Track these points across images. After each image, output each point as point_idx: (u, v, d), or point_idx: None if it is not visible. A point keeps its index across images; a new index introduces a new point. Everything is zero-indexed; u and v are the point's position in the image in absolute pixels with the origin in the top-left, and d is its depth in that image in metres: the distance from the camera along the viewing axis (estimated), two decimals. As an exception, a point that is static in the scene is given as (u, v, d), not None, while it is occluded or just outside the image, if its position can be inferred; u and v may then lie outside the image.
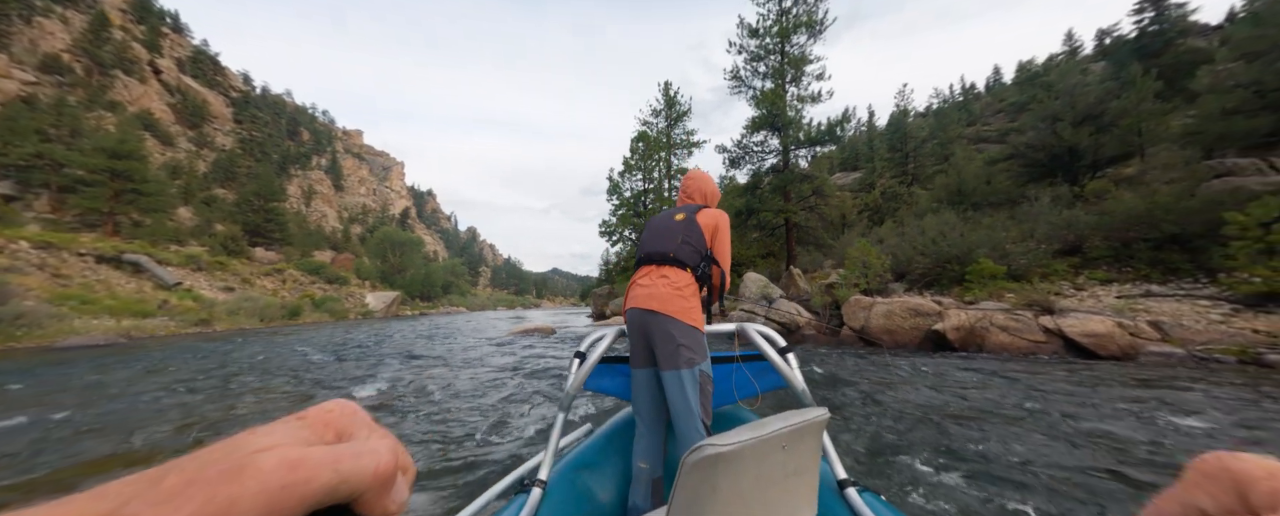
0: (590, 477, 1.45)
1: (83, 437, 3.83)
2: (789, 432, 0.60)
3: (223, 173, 54.56)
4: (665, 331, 1.48)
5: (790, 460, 0.60)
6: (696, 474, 0.54)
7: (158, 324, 18.43)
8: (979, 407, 3.87)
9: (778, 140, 18.32)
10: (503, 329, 18.07)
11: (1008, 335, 6.46)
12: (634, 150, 29.47)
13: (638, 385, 1.57)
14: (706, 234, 1.66)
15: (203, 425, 4.16)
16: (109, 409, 4.75)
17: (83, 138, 32.64)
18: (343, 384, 5.98)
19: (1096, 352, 5.83)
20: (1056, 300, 6.94)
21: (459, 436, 3.62)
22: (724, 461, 0.55)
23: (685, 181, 1.93)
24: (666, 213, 1.79)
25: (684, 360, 1.44)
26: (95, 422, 4.24)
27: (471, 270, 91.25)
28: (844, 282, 9.78)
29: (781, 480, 0.61)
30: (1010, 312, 6.83)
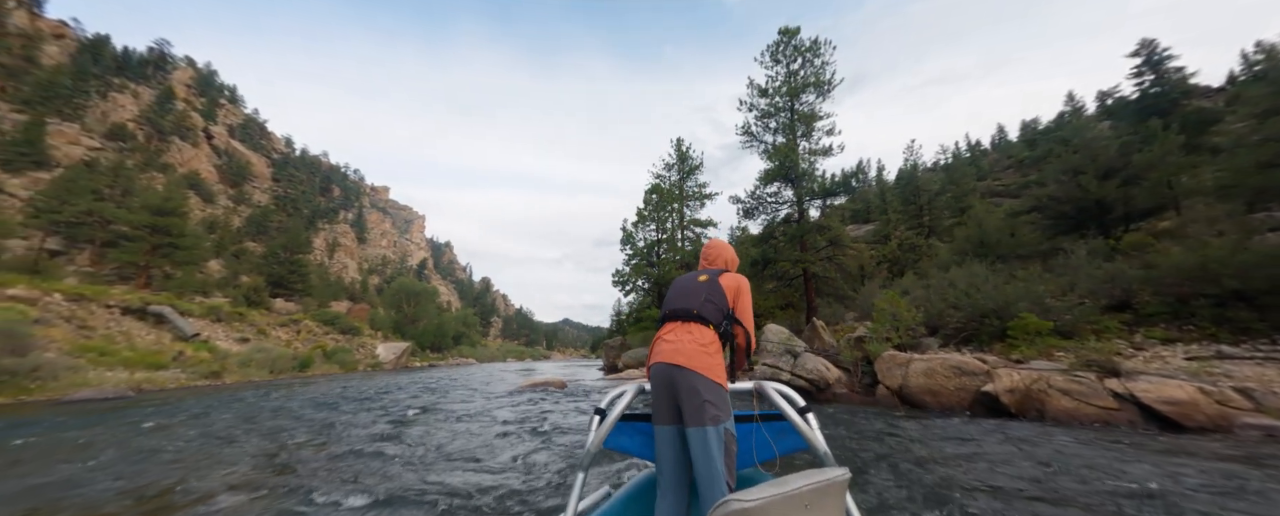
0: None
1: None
2: (811, 491, 0.58)
3: (255, 227, 57.18)
4: (691, 387, 1.47)
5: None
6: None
7: (169, 376, 18.29)
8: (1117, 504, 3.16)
9: (791, 191, 18.44)
10: (511, 382, 17.40)
11: (1070, 400, 5.78)
12: (647, 202, 30.05)
13: (661, 443, 1.53)
14: (729, 295, 1.71)
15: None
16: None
17: (133, 197, 34.82)
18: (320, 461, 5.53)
19: (1180, 423, 5.12)
20: (1121, 361, 6.28)
21: (466, 504, 3.40)
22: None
23: (706, 249, 2.00)
24: (690, 275, 1.84)
25: (710, 416, 1.43)
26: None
27: (484, 320, 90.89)
28: (874, 336, 9.19)
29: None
30: (1069, 374, 6.17)
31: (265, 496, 3.70)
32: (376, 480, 4.06)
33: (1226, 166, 11.44)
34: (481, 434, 6.38)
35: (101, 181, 36.16)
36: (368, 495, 3.59)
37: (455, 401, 11.27)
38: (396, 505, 3.40)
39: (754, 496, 0.56)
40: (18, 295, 18.84)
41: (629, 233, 30.58)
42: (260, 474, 4.46)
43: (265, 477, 4.30)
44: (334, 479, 4.10)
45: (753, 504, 0.55)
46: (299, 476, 4.24)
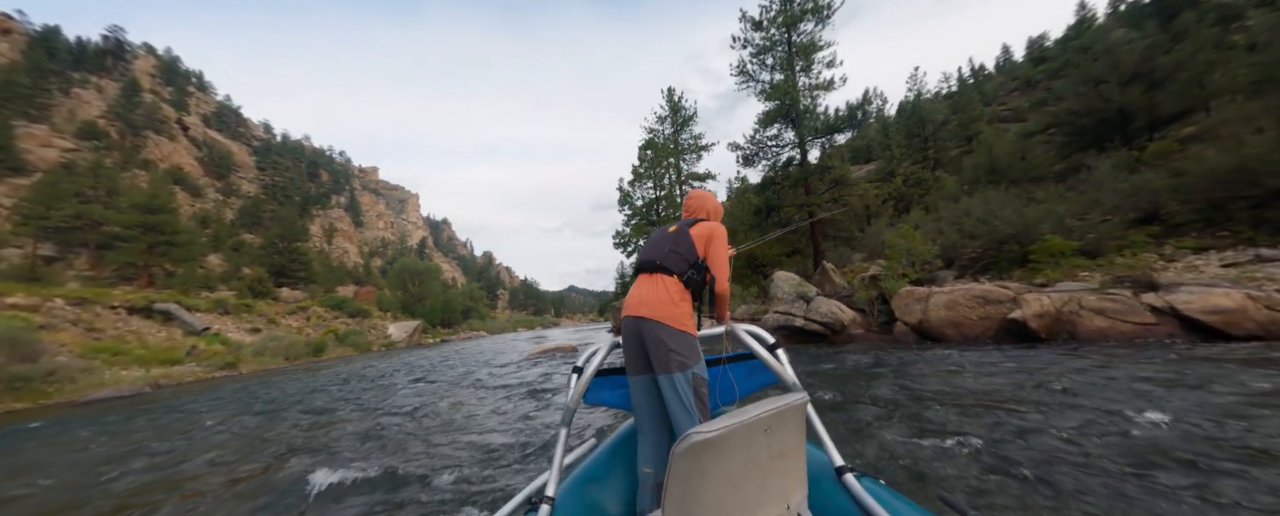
0: (597, 490, 1.45)
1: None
2: (770, 416, 0.61)
3: (249, 218, 56.43)
4: (656, 336, 1.51)
5: (775, 442, 0.61)
6: (686, 461, 0.55)
7: (185, 370, 18.49)
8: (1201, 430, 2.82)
9: (793, 132, 17.53)
10: (523, 350, 17.51)
11: (1104, 318, 5.48)
12: (642, 158, 29.03)
13: (636, 392, 1.60)
14: (698, 244, 1.70)
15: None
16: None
17: (118, 196, 34.04)
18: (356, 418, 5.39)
19: (1225, 332, 4.82)
20: (1158, 273, 5.92)
21: (478, 458, 3.61)
22: (711, 447, 0.56)
23: (687, 200, 2.00)
24: (663, 227, 1.86)
25: (675, 363, 1.48)
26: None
27: (490, 293, 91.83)
28: (888, 273, 8.85)
29: (768, 462, 0.62)
30: (1101, 292, 5.84)
31: (299, 468, 3.85)
32: (393, 445, 4.28)
33: (1260, 60, 10.58)
34: (490, 399, 6.28)
35: (83, 183, 35.26)
36: (385, 457, 3.85)
37: (467, 372, 11.26)
38: (410, 464, 3.60)
39: (714, 427, 0.56)
40: (18, 303, 18.75)
41: (626, 192, 29.78)
42: (289, 451, 4.50)
43: (294, 454, 4.37)
44: (359, 447, 4.32)
45: (713, 433, 0.55)
46: (329, 449, 4.42)
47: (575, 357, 1.66)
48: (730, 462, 0.61)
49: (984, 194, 12.03)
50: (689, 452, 0.58)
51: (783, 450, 0.69)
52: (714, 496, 0.60)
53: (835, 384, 4.87)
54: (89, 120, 51.70)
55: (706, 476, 0.59)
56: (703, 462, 0.59)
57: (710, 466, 0.59)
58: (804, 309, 8.99)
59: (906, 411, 3.65)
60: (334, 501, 2.99)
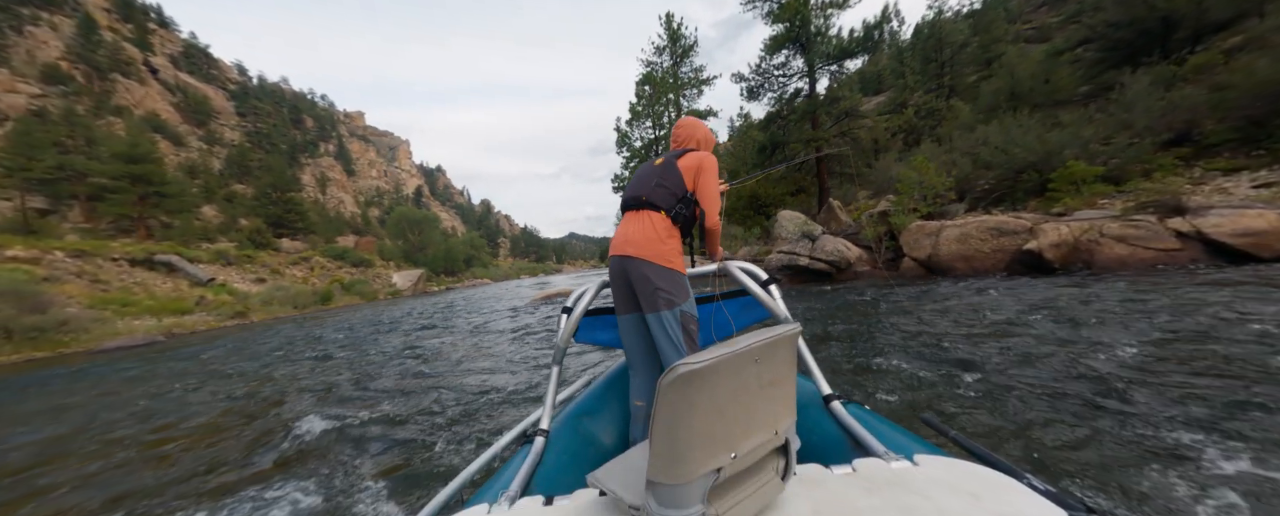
0: (591, 423, 1.49)
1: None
2: (762, 347, 0.62)
3: (237, 168, 54.96)
4: (642, 275, 1.49)
5: (765, 372, 0.61)
6: (673, 392, 0.55)
7: (196, 320, 18.88)
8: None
9: (802, 59, 16.24)
10: (527, 296, 17.69)
11: (1125, 246, 5.25)
12: (640, 95, 27.39)
13: (625, 330, 1.59)
14: (686, 177, 1.62)
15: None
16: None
17: (98, 145, 32.86)
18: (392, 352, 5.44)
19: (1255, 255, 4.61)
20: (1187, 197, 5.59)
21: (485, 396, 3.69)
22: (699, 377, 0.56)
23: (675, 129, 1.86)
24: (649, 161, 1.76)
25: (663, 302, 1.46)
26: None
27: (490, 242, 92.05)
28: (899, 208, 8.53)
29: (757, 391, 0.62)
30: (1124, 219, 5.56)
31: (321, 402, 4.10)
32: (403, 386, 4.40)
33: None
34: (499, 343, 6.33)
35: (59, 132, 33.87)
36: (395, 396, 3.99)
37: (474, 317, 11.37)
38: (418, 403, 3.73)
39: (702, 357, 0.57)
40: (18, 255, 18.69)
41: (624, 133, 28.46)
42: (316, 389, 4.65)
43: (317, 392, 4.54)
44: (371, 387, 4.47)
45: (701, 364, 0.55)
46: (344, 390, 4.55)
47: (566, 300, 1.65)
48: (718, 392, 0.61)
49: (1003, 121, 11.32)
50: (676, 383, 0.57)
51: (773, 379, 0.68)
52: (702, 424, 0.60)
53: (831, 319, 4.79)
54: (50, 63, 48.62)
55: (694, 406, 0.59)
56: (690, 393, 0.58)
57: (697, 396, 0.59)
58: (809, 248, 8.78)
59: (895, 342, 3.59)
60: (345, 439, 3.04)
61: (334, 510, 2.16)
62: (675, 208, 1.58)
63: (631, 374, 1.59)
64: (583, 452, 1.32)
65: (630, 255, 1.51)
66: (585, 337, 1.78)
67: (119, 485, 2.70)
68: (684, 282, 1.52)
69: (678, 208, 1.58)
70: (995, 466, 0.79)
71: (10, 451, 3.53)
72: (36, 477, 2.95)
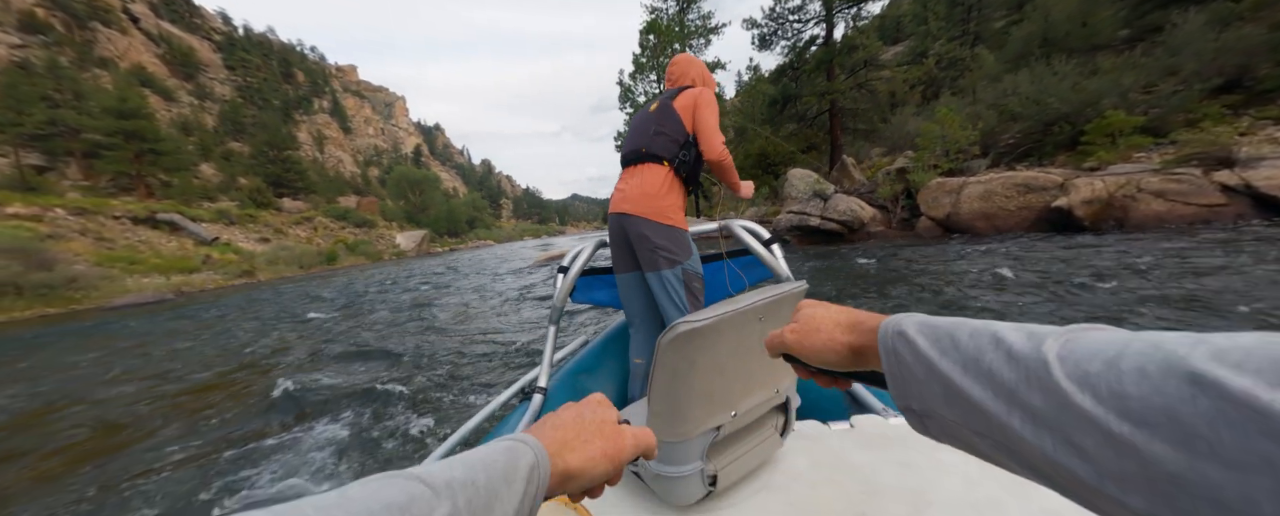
0: (589, 380, 1.51)
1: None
2: (765, 305, 0.61)
3: (231, 125, 53.64)
4: (640, 233, 1.42)
5: (769, 330, 0.56)
6: (673, 350, 0.55)
7: (204, 278, 19.02)
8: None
9: (820, 3, 15.02)
10: (531, 257, 17.57)
11: (1164, 202, 4.93)
12: (644, 45, 25.79)
13: (625, 289, 1.55)
14: (684, 117, 1.48)
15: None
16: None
17: (86, 100, 31.90)
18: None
19: (1305, 211, 4.29)
20: (1235, 148, 5.18)
21: (488, 354, 3.67)
22: (699, 336, 0.55)
23: (670, 68, 1.69)
24: (644, 107, 1.63)
25: (663, 261, 1.40)
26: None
27: (492, 203, 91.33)
28: (919, 165, 8.09)
29: (759, 350, 0.60)
30: (1165, 173, 5.19)
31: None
32: (411, 345, 4.41)
33: None
34: (506, 304, 6.22)
35: (45, 85, 32.81)
36: (403, 356, 3.99)
37: (478, 278, 11.30)
38: (424, 360, 3.75)
39: (704, 316, 0.56)
40: (18, 212, 18.60)
41: (627, 87, 27.10)
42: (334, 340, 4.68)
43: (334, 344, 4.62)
44: (381, 345, 4.50)
45: (702, 322, 0.54)
46: (356, 347, 4.63)
47: (562, 260, 1.61)
48: (719, 351, 0.60)
49: (1034, 69, 10.53)
50: (677, 341, 0.56)
51: None
52: (702, 383, 0.59)
53: (836, 280, 4.59)
54: (26, 9, 46.37)
55: (694, 365, 0.58)
56: (691, 352, 0.57)
57: (698, 356, 0.58)
58: (820, 208, 8.44)
59: (903, 302, 3.40)
60: (351, 396, 3.04)
61: (331, 470, 2.13)
62: (678, 155, 1.47)
63: (632, 332, 1.55)
64: None
65: (628, 212, 1.43)
66: (583, 297, 1.76)
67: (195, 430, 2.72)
68: (685, 239, 1.44)
69: (681, 155, 1.47)
70: None
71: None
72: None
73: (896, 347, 0.29)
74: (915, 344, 0.27)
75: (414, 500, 0.22)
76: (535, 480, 0.29)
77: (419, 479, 0.23)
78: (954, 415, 0.25)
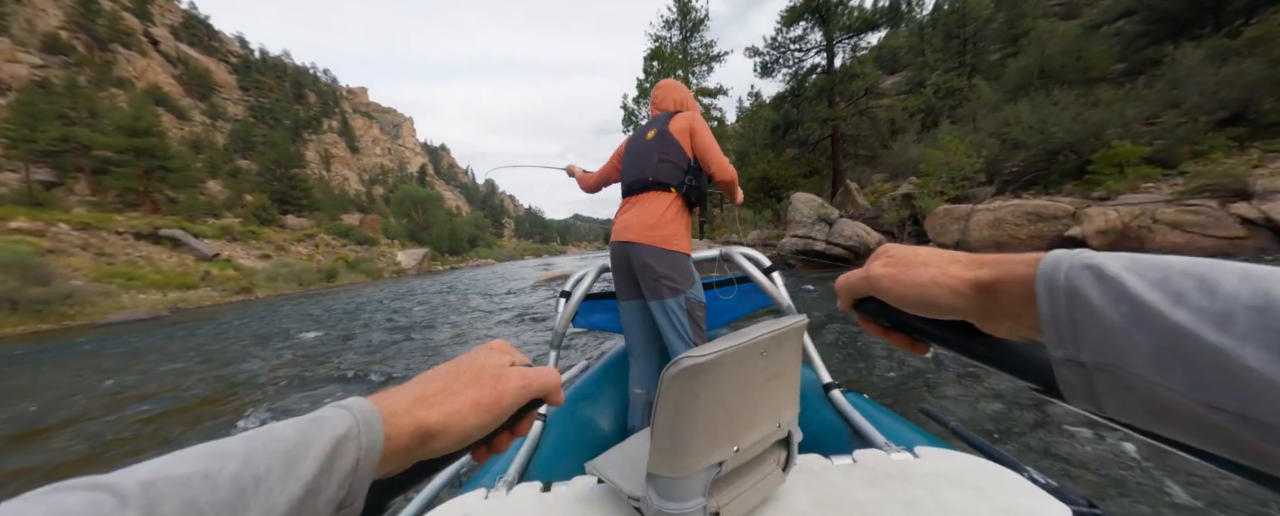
0: (588, 408, 1.47)
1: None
2: (768, 339, 0.60)
3: (241, 143, 54.60)
4: (643, 262, 1.43)
5: (770, 365, 0.62)
6: (676, 385, 0.54)
7: (202, 295, 18.87)
8: None
9: (820, 33, 15.41)
10: (532, 277, 17.45)
11: (1181, 233, 4.82)
12: (648, 71, 26.41)
13: (627, 317, 1.55)
14: (683, 142, 1.50)
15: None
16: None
17: (101, 118, 32.58)
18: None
19: (1330, 245, 4.18)
20: (1253, 179, 5.11)
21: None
22: (703, 371, 0.54)
23: (654, 94, 1.72)
24: (638, 135, 1.64)
25: (666, 289, 1.40)
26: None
27: (495, 222, 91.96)
28: (924, 191, 8.05)
29: (762, 383, 0.62)
30: (1180, 204, 5.10)
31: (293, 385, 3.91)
32: (399, 364, 4.26)
33: None
34: (494, 327, 6.04)
35: (62, 103, 33.58)
36: (391, 378, 3.83)
37: (479, 298, 11.15)
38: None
39: (707, 351, 0.53)
40: (22, 227, 18.64)
41: (630, 110, 27.60)
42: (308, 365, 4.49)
43: (304, 371, 4.40)
44: (380, 367, 4.31)
45: (705, 357, 0.53)
46: (339, 366, 4.47)
47: (564, 283, 1.61)
48: (722, 386, 0.58)
49: (1033, 99, 10.65)
50: (680, 376, 0.54)
51: (778, 372, 0.64)
52: (705, 418, 0.58)
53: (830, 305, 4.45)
54: (51, 32, 48.00)
55: (697, 400, 0.56)
56: (694, 386, 0.55)
57: (701, 390, 0.56)
58: (825, 232, 8.35)
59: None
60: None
61: None
62: (684, 181, 1.49)
63: (631, 360, 1.54)
64: (580, 438, 1.31)
65: (632, 241, 1.44)
66: (584, 322, 1.75)
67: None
68: (689, 267, 1.46)
69: (686, 180, 1.49)
70: (997, 459, 0.78)
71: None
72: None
73: (1078, 286, 0.22)
74: (1122, 283, 0.21)
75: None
76: (349, 452, 0.24)
77: (102, 486, 0.18)
78: (1168, 379, 0.20)
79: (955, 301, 0.28)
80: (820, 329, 3.94)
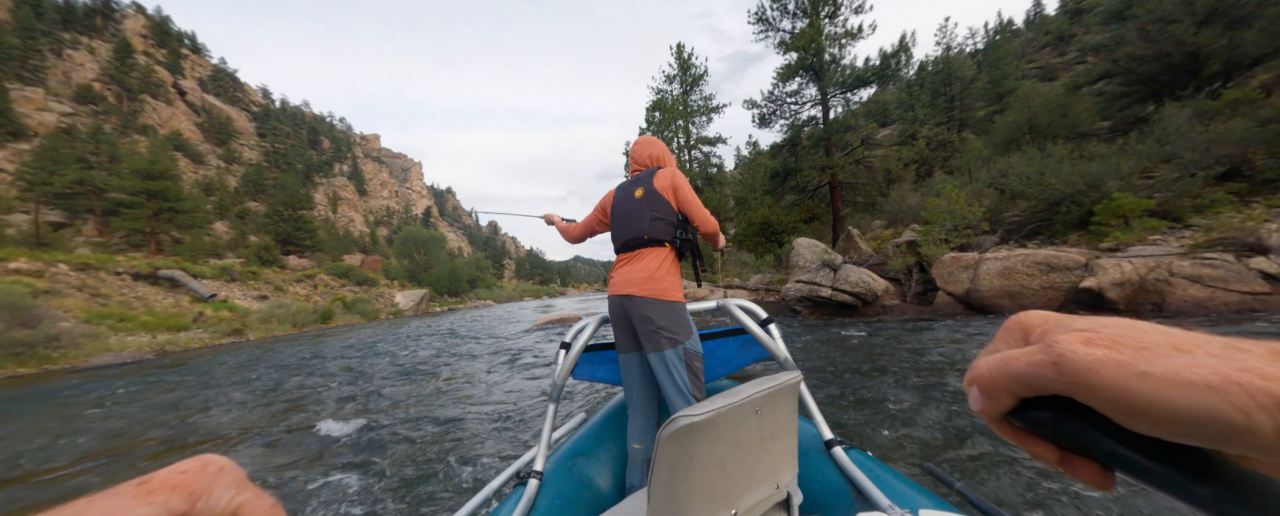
0: (586, 464, 1.47)
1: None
2: (762, 396, 0.61)
3: (252, 186, 56.00)
4: (643, 314, 1.47)
5: (766, 423, 0.61)
6: (673, 445, 0.55)
7: (192, 337, 18.43)
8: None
9: (815, 87, 16.17)
10: (530, 320, 17.11)
11: (1202, 287, 4.67)
12: (650, 120, 27.59)
13: (626, 369, 1.58)
14: (669, 198, 1.60)
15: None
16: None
17: (120, 162, 33.59)
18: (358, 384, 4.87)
19: (1362, 303, 4.01)
20: (1267, 233, 5.03)
21: (477, 431, 3.44)
22: (698, 430, 0.56)
23: (634, 151, 1.82)
24: (625, 193, 1.69)
25: (665, 341, 1.44)
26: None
27: (496, 263, 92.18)
28: (927, 238, 8.01)
29: (758, 443, 0.62)
30: (1195, 257, 5.00)
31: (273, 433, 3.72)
32: (391, 416, 4.02)
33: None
34: (490, 372, 5.74)
35: (84, 148, 34.78)
36: (383, 430, 3.59)
37: (471, 342, 10.82)
38: (408, 435, 3.40)
39: (702, 410, 0.56)
40: (21, 268, 18.57)
41: (633, 157, 28.50)
42: (281, 414, 4.23)
43: (277, 418, 4.18)
44: (359, 418, 4.09)
45: (701, 416, 0.55)
46: (317, 414, 4.25)
47: (564, 334, 1.62)
48: (718, 445, 0.60)
49: (1027, 151, 10.92)
50: (676, 436, 0.56)
51: (774, 430, 0.67)
52: (702, 480, 0.59)
53: (874, 357, 4.21)
54: (84, 83, 50.70)
55: (694, 460, 0.58)
56: (690, 446, 0.58)
57: (697, 450, 0.58)
58: (831, 278, 8.22)
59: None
60: (329, 477, 2.71)
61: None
62: (676, 236, 1.58)
63: (630, 415, 1.54)
64: (578, 497, 1.29)
65: (631, 294, 1.50)
66: (584, 374, 1.77)
67: None
68: (686, 317, 1.50)
69: (677, 234, 1.59)
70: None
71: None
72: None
73: None
74: None
75: None
76: None
77: None
78: None
79: (1239, 419, 0.15)
80: (828, 380, 3.75)
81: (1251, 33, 10.12)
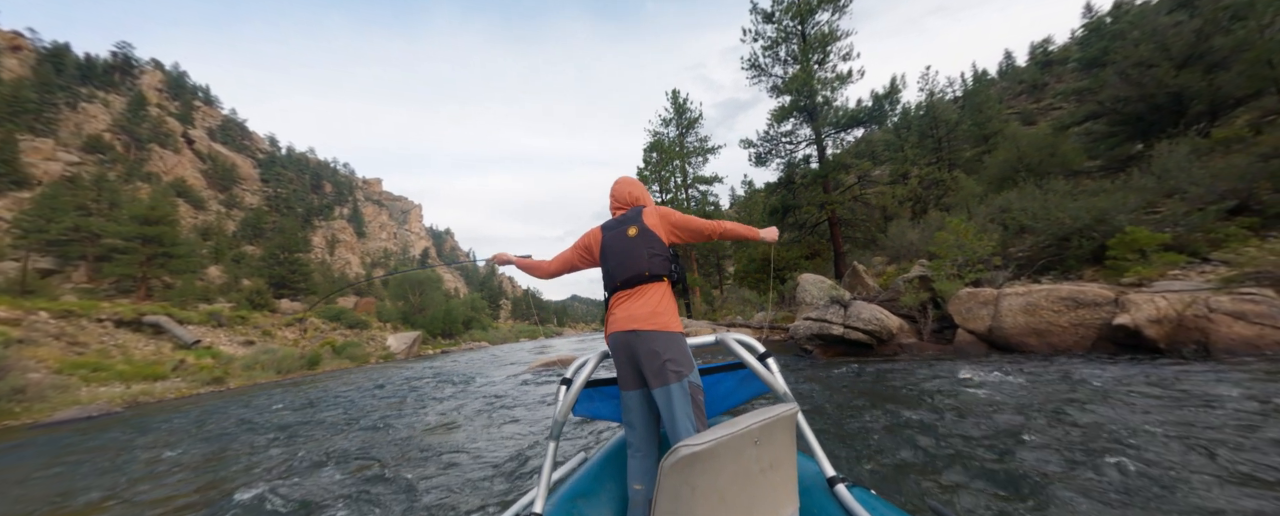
0: (586, 506, 1.44)
1: None
2: (760, 427, 0.60)
3: (251, 230, 56.09)
4: (649, 348, 1.48)
5: (765, 454, 0.60)
6: (675, 475, 0.54)
7: (167, 387, 17.49)
8: None
9: (809, 128, 16.57)
10: (525, 362, 16.41)
11: (1249, 324, 4.35)
12: (647, 161, 28.17)
13: (628, 407, 1.56)
14: (660, 234, 1.65)
15: None
16: None
17: (120, 208, 33.68)
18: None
19: None
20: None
21: (469, 478, 3.35)
22: (699, 460, 0.55)
23: (616, 192, 1.86)
24: (617, 232, 1.71)
25: (672, 374, 1.44)
26: None
27: (492, 303, 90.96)
28: (939, 274, 7.75)
29: (758, 475, 0.61)
30: (1233, 292, 4.72)
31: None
32: (380, 463, 3.85)
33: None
34: (481, 415, 5.26)
35: (86, 196, 34.95)
36: (371, 477, 3.47)
37: (461, 387, 10.21)
38: (396, 482, 3.32)
39: (702, 440, 0.56)
40: (0, 317, 17.94)
41: (631, 197, 28.85)
42: (260, 472, 3.95)
43: (261, 475, 3.90)
44: (345, 465, 3.88)
45: (701, 446, 0.55)
46: (306, 469, 4.01)
47: (565, 371, 1.59)
48: (719, 476, 0.60)
49: (1024, 188, 10.95)
50: (678, 466, 0.55)
51: (773, 462, 0.67)
52: (704, 512, 0.58)
53: (899, 397, 3.80)
54: (95, 134, 51.93)
55: (696, 490, 0.57)
56: (692, 476, 0.57)
57: (699, 480, 0.57)
58: (841, 315, 7.87)
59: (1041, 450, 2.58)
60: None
61: None
62: (673, 270, 1.62)
63: (630, 454, 1.51)
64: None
65: (636, 329, 1.49)
66: (585, 410, 1.72)
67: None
68: (687, 348, 1.51)
69: (673, 268, 1.62)
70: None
71: None
72: None
73: None
74: None
75: None
76: None
77: None
78: None
79: None
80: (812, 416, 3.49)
81: (1231, 75, 10.49)
